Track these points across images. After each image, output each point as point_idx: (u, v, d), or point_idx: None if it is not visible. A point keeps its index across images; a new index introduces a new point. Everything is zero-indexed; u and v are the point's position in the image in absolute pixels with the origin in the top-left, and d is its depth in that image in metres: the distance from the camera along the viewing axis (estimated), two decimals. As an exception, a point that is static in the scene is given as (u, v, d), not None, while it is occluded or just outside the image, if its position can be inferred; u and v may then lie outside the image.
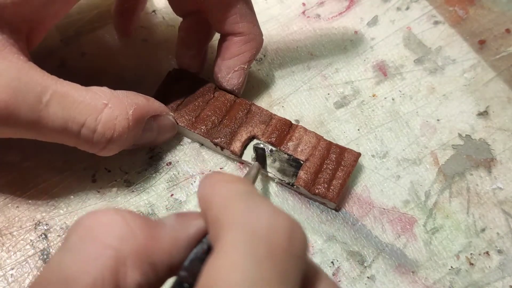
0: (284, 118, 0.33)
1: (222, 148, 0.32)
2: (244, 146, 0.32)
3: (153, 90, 0.34)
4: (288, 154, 0.32)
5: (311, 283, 0.19)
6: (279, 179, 0.32)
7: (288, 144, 0.32)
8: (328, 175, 0.31)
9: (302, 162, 0.32)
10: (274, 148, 0.32)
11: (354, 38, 0.39)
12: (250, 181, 0.28)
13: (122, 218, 0.20)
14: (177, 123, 0.33)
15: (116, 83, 0.35)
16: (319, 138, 0.32)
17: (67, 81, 0.27)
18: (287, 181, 0.31)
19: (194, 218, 0.21)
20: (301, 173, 0.31)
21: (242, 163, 0.33)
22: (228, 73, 0.33)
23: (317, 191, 0.31)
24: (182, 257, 0.20)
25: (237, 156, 0.32)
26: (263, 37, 0.34)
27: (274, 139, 0.32)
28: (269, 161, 0.32)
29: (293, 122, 0.35)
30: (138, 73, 0.36)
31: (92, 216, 0.20)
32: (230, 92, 0.34)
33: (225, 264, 0.17)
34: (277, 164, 0.32)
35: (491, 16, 0.40)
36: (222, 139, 0.32)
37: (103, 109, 0.27)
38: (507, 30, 0.40)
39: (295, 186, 0.31)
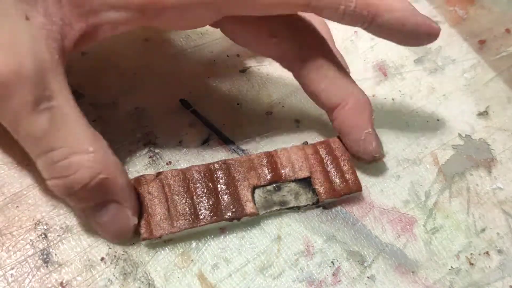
0: (260, 153, 0.31)
1: (238, 219, 0.30)
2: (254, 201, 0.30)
3: (153, 90, 0.34)
4: (292, 180, 0.31)
5: None
6: (303, 206, 0.31)
7: (285, 171, 0.31)
8: (337, 172, 0.31)
9: (309, 179, 0.31)
10: (277, 184, 0.31)
11: (354, 38, 0.39)
12: None
13: None
14: (171, 232, 0.28)
15: (116, 83, 0.35)
16: (302, 147, 0.32)
17: (76, 107, 0.26)
18: (311, 202, 0.31)
19: None
20: (318, 188, 0.31)
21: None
22: (359, 146, 0.31)
23: (342, 193, 0.31)
24: None
25: (257, 215, 0.30)
26: None
27: (271, 176, 0.31)
28: (281, 198, 0.31)
29: (294, 122, 0.35)
30: (138, 73, 0.36)
31: None
32: (373, 160, 0.32)
33: None
34: (290, 196, 0.31)
35: (491, 16, 0.40)
36: (233, 210, 0.29)
37: (82, 152, 0.25)
38: (507, 30, 0.40)
39: (321, 202, 0.31)
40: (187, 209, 0.29)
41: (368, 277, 0.30)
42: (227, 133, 0.34)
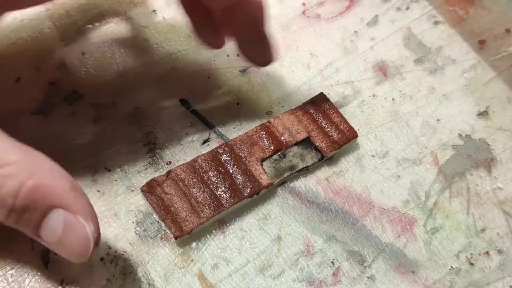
0: (256, 127, 0.33)
1: (257, 193, 0.30)
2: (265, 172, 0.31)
3: (153, 90, 0.34)
4: (294, 145, 0.32)
5: None
6: (311, 165, 0.32)
7: (284, 138, 0.32)
8: (331, 126, 0.33)
9: (308, 138, 0.33)
10: (282, 152, 0.32)
11: (354, 38, 0.39)
12: None
13: None
14: (196, 227, 0.29)
15: (116, 83, 0.35)
16: (293, 112, 0.33)
17: None
18: (317, 159, 0.32)
19: None
20: (319, 144, 0.32)
21: None
22: (253, 47, 0.32)
23: (342, 143, 0.32)
24: None
25: (272, 185, 0.31)
26: None
27: (273, 147, 0.32)
28: (289, 163, 0.32)
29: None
30: (138, 73, 0.36)
31: None
32: (264, 63, 0.33)
33: None
34: (296, 159, 0.32)
35: (491, 16, 0.40)
36: (250, 187, 0.30)
37: (3, 165, 0.23)
38: (507, 30, 0.40)
39: (325, 157, 0.32)
40: (208, 197, 0.30)
41: (368, 277, 0.30)
42: (227, 133, 0.34)
